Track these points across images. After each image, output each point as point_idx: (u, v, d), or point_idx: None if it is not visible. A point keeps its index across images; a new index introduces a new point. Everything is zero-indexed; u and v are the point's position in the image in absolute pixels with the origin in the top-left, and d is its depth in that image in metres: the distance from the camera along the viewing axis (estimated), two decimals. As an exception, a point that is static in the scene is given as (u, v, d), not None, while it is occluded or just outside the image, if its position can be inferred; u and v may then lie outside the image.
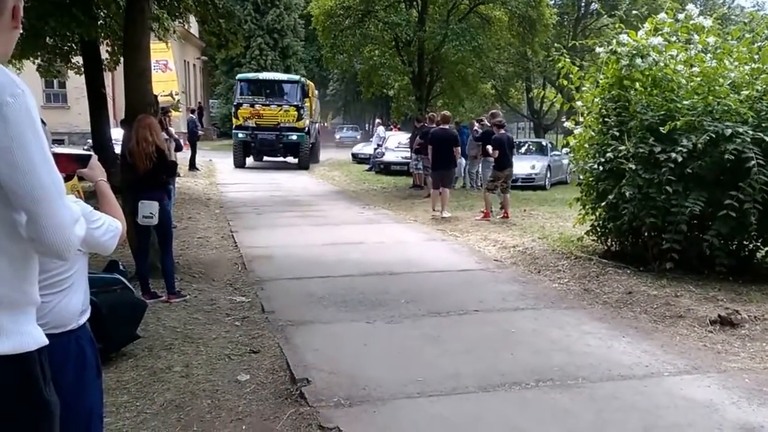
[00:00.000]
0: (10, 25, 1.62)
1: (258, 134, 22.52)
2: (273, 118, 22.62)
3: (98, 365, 2.29)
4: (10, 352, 1.57)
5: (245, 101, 22.95)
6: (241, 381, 4.42)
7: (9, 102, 1.48)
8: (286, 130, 22.55)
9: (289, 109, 22.77)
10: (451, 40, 17.43)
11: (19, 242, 1.59)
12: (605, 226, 8.16)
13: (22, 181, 1.50)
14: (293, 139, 22.76)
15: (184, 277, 7.13)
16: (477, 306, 6.30)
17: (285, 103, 23.01)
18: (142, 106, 6.92)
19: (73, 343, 2.15)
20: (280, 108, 22.79)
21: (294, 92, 23.49)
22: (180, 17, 12.88)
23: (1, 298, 1.57)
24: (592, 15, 29.28)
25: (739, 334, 5.50)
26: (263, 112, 22.67)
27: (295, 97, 23.29)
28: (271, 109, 22.78)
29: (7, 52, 1.66)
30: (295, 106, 22.88)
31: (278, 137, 22.57)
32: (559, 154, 21.15)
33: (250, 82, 24.04)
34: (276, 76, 25.70)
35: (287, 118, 22.62)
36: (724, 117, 7.00)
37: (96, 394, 2.28)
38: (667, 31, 7.74)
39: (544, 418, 3.92)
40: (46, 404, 1.64)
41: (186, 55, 35.51)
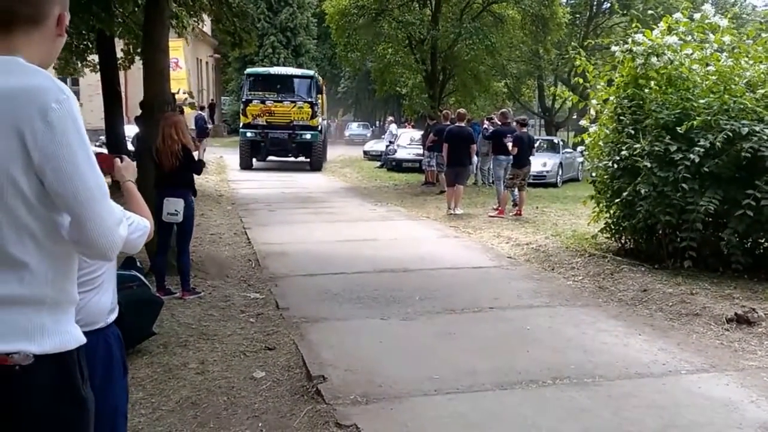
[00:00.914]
0: (54, 32, 1.64)
1: (269, 133, 20.96)
2: (285, 115, 21.10)
3: (125, 364, 2.31)
4: (52, 351, 1.58)
5: (255, 98, 21.39)
6: (256, 378, 4.42)
7: (54, 108, 1.50)
8: (300, 128, 21.05)
9: (303, 105, 21.21)
10: (465, 38, 17.45)
11: (62, 243, 1.60)
12: (620, 224, 8.13)
13: (67, 185, 1.52)
14: (307, 138, 21.26)
15: (197, 274, 7.14)
16: (492, 303, 6.29)
17: (298, 99, 21.46)
18: (160, 104, 6.95)
19: (102, 341, 2.17)
20: (293, 105, 21.21)
21: (307, 88, 22.00)
22: (196, 15, 12.92)
23: (44, 298, 1.58)
24: (605, 14, 29.15)
25: (756, 332, 5.45)
26: (275, 109, 21.10)
27: (308, 93, 21.78)
28: (283, 105, 21.18)
29: (50, 60, 1.67)
30: (309, 102, 21.38)
31: (291, 136, 21.05)
32: (570, 152, 21.10)
33: (260, 77, 22.46)
34: (288, 71, 24.18)
35: (301, 116, 21.12)
36: (740, 116, 6.96)
37: (122, 393, 2.30)
38: (682, 30, 7.70)
39: (562, 416, 3.91)
40: (84, 402, 1.66)
41: (199, 53, 35.69)
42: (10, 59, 1.54)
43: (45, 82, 1.53)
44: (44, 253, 1.58)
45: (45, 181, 1.52)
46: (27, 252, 1.55)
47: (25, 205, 1.53)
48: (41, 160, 1.50)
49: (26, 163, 1.51)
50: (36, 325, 1.57)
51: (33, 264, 1.56)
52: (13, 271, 1.55)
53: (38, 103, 1.49)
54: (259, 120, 20.98)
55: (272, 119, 21.05)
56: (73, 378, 1.63)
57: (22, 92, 1.50)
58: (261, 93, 21.50)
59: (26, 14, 1.57)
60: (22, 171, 1.51)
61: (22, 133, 1.49)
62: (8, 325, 1.54)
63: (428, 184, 17.08)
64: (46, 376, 1.58)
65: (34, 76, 1.54)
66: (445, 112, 16.13)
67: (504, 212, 11.87)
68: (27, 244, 1.55)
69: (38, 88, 1.51)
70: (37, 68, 1.56)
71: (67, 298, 1.66)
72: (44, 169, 1.51)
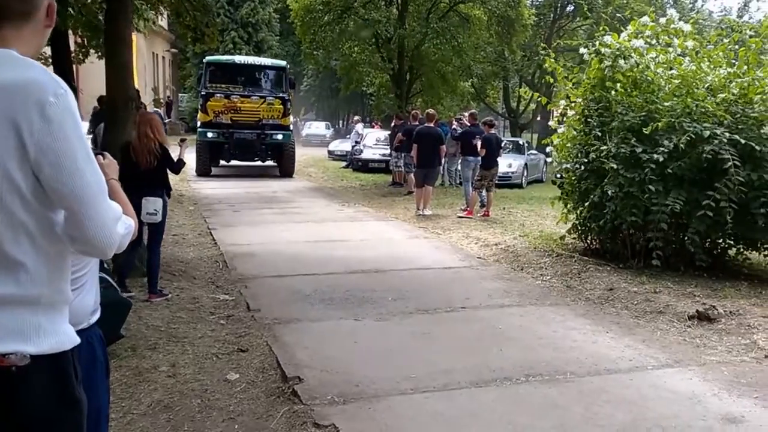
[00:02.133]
0: (44, 23, 1.63)
1: (234, 133, 18.10)
2: (253, 113, 18.28)
3: (107, 364, 2.29)
4: (49, 352, 1.57)
5: (217, 91, 18.33)
6: (230, 380, 4.39)
7: (52, 102, 1.48)
8: (270, 128, 18.34)
9: (274, 101, 18.40)
10: (432, 38, 17.55)
11: (56, 242, 1.59)
12: (587, 225, 8.28)
13: (66, 181, 1.50)
14: (278, 139, 18.57)
15: (164, 276, 7.02)
16: (463, 303, 6.36)
17: (268, 94, 18.67)
18: (123, 100, 6.83)
19: (84, 342, 2.13)
20: (262, 100, 18.36)
21: (278, 81, 19.13)
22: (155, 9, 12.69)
23: (39, 297, 1.57)
24: (568, 16, 29.60)
25: (716, 328, 5.65)
26: (241, 106, 18.17)
27: (279, 87, 18.97)
28: (251, 101, 18.31)
29: (39, 51, 1.67)
30: (281, 98, 18.59)
31: (260, 137, 18.31)
32: (535, 153, 21.41)
33: (222, 67, 19.19)
34: (256, 61, 20.79)
35: (271, 114, 18.36)
36: (701, 119, 7.15)
37: (104, 394, 2.28)
38: (648, 34, 7.87)
39: (536, 412, 3.98)
40: (79, 403, 1.65)
41: (155, 48, 35.07)
42: (5, 52, 1.52)
43: (42, 75, 1.52)
44: (40, 252, 1.56)
45: (41, 177, 1.50)
46: (23, 251, 1.54)
47: (20, 201, 1.51)
48: (38, 155, 1.48)
49: (22, 157, 1.49)
50: (32, 325, 1.55)
51: (29, 263, 1.54)
52: (10, 270, 1.53)
53: (35, 97, 1.48)
54: (222, 118, 18.12)
55: (238, 117, 18.22)
56: (69, 378, 1.62)
57: (18, 86, 1.48)
58: (224, 86, 18.59)
59: (19, 9, 1.56)
60: (17, 166, 1.49)
61: (19, 127, 1.47)
62: (4, 326, 1.53)
63: (396, 185, 17.11)
64: (42, 377, 1.57)
65: (31, 70, 1.52)
66: (414, 112, 16.18)
67: (472, 213, 11.98)
68: (23, 243, 1.53)
69: (35, 81, 1.50)
70: (32, 61, 1.55)
71: (62, 298, 1.65)
72: (41, 164, 1.49)
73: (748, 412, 4.00)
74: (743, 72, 7.44)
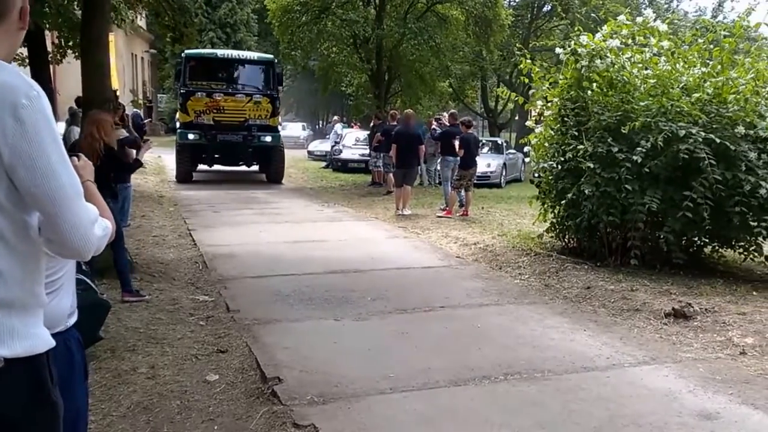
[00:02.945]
0: (17, 26, 1.61)
1: (218, 135, 16.53)
2: (239, 112, 16.71)
3: (85, 367, 2.27)
4: (23, 355, 1.56)
5: (198, 89, 16.70)
6: (210, 381, 4.38)
7: (25, 104, 1.47)
8: (258, 129, 16.77)
9: (261, 100, 16.85)
10: (410, 38, 17.59)
11: (31, 245, 1.58)
12: (564, 224, 8.34)
13: (40, 183, 1.49)
14: (267, 141, 16.98)
15: (143, 277, 7.00)
16: (442, 302, 6.38)
17: (255, 91, 17.03)
18: (100, 101, 6.78)
19: (62, 344, 2.12)
20: (248, 99, 16.81)
21: (266, 77, 17.40)
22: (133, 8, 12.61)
23: (13, 300, 1.56)
24: (545, 17, 29.80)
25: (692, 325, 5.71)
26: (225, 105, 16.60)
27: (267, 84, 17.29)
28: (236, 100, 16.73)
29: (12, 54, 1.65)
30: (269, 95, 17.00)
31: (246, 139, 16.75)
32: (513, 153, 21.55)
33: (203, 62, 17.42)
34: (241, 55, 18.73)
35: (258, 113, 16.79)
36: (676, 118, 7.24)
37: (83, 397, 2.26)
38: (624, 33, 7.96)
39: (514, 410, 4.01)
40: (54, 405, 1.65)
41: (134, 48, 34.80)
42: None
43: (14, 78, 1.51)
44: (14, 255, 1.55)
45: (16, 180, 1.49)
46: None
47: None
48: (11, 158, 1.47)
49: None
50: (5, 328, 1.54)
51: (3, 267, 1.53)
52: None
53: (8, 99, 1.47)
54: (204, 118, 16.53)
55: (221, 117, 16.64)
56: (44, 381, 1.61)
57: None
58: (205, 83, 16.96)
59: None
60: None
61: None
62: None
63: (375, 185, 17.14)
64: (16, 380, 1.56)
65: (2, 72, 1.51)
66: (392, 113, 16.21)
67: (452, 213, 12.03)
68: None
69: (7, 84, 1.49)
70: (4, 64, 1.54)
71: (36, 301, 1.64)
72: (15, 167, 1.48)
73: (723, 408, 4.05)
74: (717, 72, 7.55)
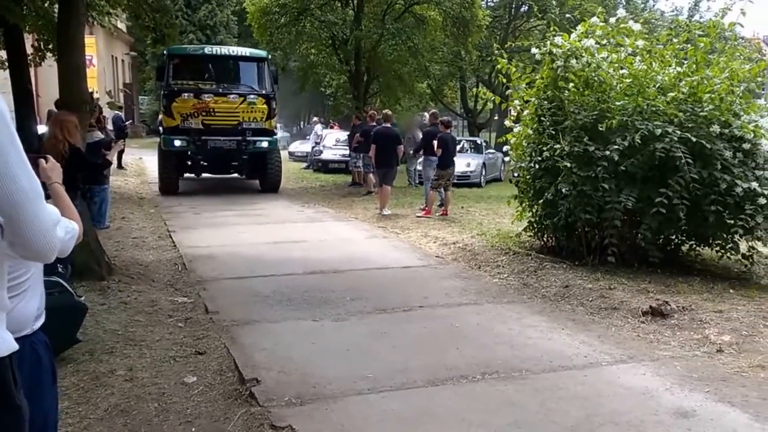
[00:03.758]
0: None
1: (208, 141, 14.70)
2: (231, 115, 14.87)
3: (54, 371, 2.24)
4: None
5: (185, 89, 14.87)
6: (188, 383, 4.35)
7: None
8: (253, 133, 15.02)
9: (256, 101, 15.03)
10: (388, 39, 17.61)
11: None
12: (542, 223, 8.39)
13: (0, 186, 1.48)
14: (263, 146, 15.20)
15: (122, 279, 6.96)
16: (421, 302, 6.40)
17: (249, 91, 15.19)
18: (77, 103, 6.72)
19: (28, 347, 2.10)
20: (242, 99, 14.96)
21: (260, 75, 15.59)
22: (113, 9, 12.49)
23: None
24: (522, 17, 29.96)
25: (669, 324, 5.76)
26: (216, 107, 14.75)
27: (262, 83, 15.48)
28: (228, 101, 14.87)
29: None
30: (265, 96, 15.20)
31: (241, 145, 14.94)
32: (493, 152, 21.64)
33: (189, 59, 15.79)
34: (232, 51, 16.72)
35: (253, 115, 15.00)
36: (652, 117, 7.31)
37: (51, 401, 2.23)
38: (599, 34, 8.02)
39: (493, 409, 4.03)
40: (18, 409, 1.63)
41: (114, 51, 34.47)
42: None
43: None
44: None
45: None
46: None
47: None
48: None
49: None
50: None
51: None
52: None
53: None
54: (192, 122, 14.64)
55: (212, 120, 14.80)
56: (7, 384, 1.60)
57: None
58: (192, 83, 15.25)
59: None
60: None
61: None
62: None
63: (355, 185, 17.14)
64: None
65: None
66: (371, 113, 16.23)
67: (431, 212, 12.06)
68: None
69: None
70: None
71: None
72: None
73: (699, 406, 4.09)
74: (692, 71, 7.63)
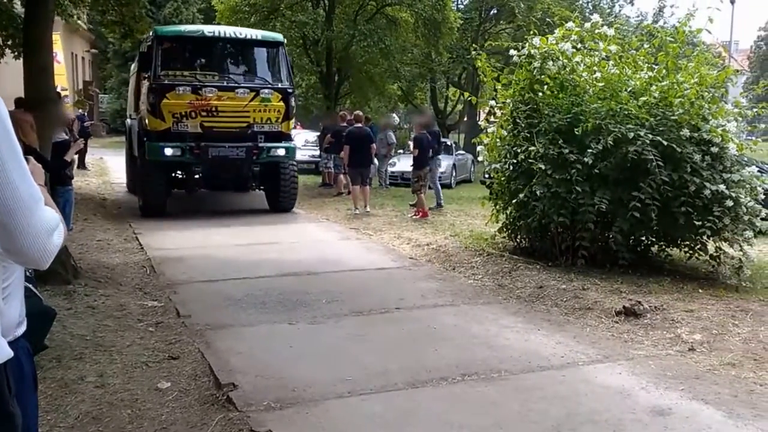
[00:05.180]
0: None
1: (209, 148, 11.24)
2: (240, 115, 11.48)
3: (35, 379, 2.16)
4: None
5: (179, 82, 11.24)
6: (161, 389, 4.25)
7: None
8: (267, 137, 11.69)
9: (271, 97, 11.65)
10: (359, 40, 17.62)
11: None
12: (516, 224, 8.44)
13: None
14: (279, 155, 11.91)
15: (88, 282, 6.78)
16: (398, 304, 6.37)
17: (261, 84, 11.80)
18: (43, 102, 6.57)
19: None
20: (254, 95, 11.54)
21: (274, 64, 12.22)
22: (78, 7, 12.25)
23: None
24: (492, 20, 30.22)
25: (642, 323, 5.82)
26: (220, 105, 11.30)
27: (278, 74, 12.09)
28: (236, 97, 11.45)
29: None
30: (282, 91, 11.83)
31: (251, 152, 11.55)
32: (463, 154, 21.76)
33: (183, 42, 12.11)
34: (240, 33, 12.39)
35: (267, 116, 11.65)
36: (625, 121, 7.39)
37: (33, 408, 2.15)
38: (574, 38, 8.10)
39: (473, 410, 4.02)
40: (12, 417, 1.58)
41: (74, 47, 33.71)
42: None
43: None
44: None
45: None
46: None
47: None
48: None
49: None
50: None
51: None
52: None
53: None
54: (189, 124, 11.15)
55: (215, 122, 11.34)
56: (2, 393, 1.53)
57: None
58: (188, 74, 11.57)
59: None
60: None
61: None
62: None
63: (326, 186, 17.06)
64: None
65: None
66: (341, 114, 16.19)
67: (427, 213, 12.01)
68: None
69: None
70: None
71: None
72: None
73: (674, 404, 4.14)
74: (663, 76, 7.74)
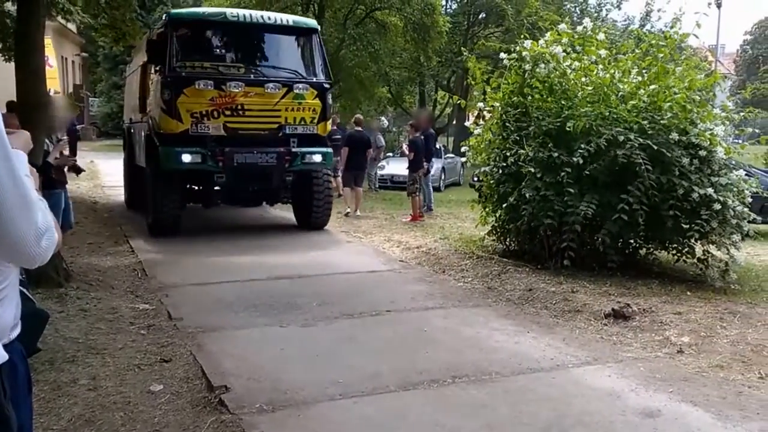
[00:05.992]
0: None
1: (235, 154, 9.60)
2: (271, 114, 9.85)
3: (29, 381, 2.17)
4: None
5: (198, 75, 9.59)
6: (154, 391, 4.26)
7: None
8: (300, 141, 10.07)
9: (306, 94, 10.03)
10: (349, 44, 17.65)
11: None
12: (505, 227, 8.50)
13: None
14: (314, 161, 10.21)
15: (80, 285, 6.78)
16: (388, 306, 6.40)
17: (296, 79, 10.13)
18: (35, 105, 6.56)
19: None
20: (286, 91, 9.89)
21: (308, 55, 10.51)
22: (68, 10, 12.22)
23: None
24: (480, 24, 30.37)
25: (631, 326, 5.87)
26: (246, 102, 9.64)
27: (314, 67, 10.42)
28: (265, 93, 9.75)
29: None
30: (318, 87, 10.20)
31: (283, 159, 9.91)
32: (452, 157, 21.82)
33: (203, 30, 10.39)
34: (269, 18, 10.66)
35: (302, 116, 10.02)
36: (614, 125, 7.47)
37: (27, 411, 2.16)
38: (565, 42, 8.17)
39: (464, 413, 4.05)
40: (8, 420, 1.58)
41: (64, 51, 33.57)
42: None
43: None
44: None
45: None
46: None
47: None
48: None
49: None
50: None
51: None
52: None
53: None
54: (210, 124, 9.50)
55: (241, 123, 9.70)
56: None
57: None
58: (208, 65, 9.92)
59: None
60: None
61: None
62: None
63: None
64: None
65: None
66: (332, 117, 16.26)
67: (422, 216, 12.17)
68: None
69: None
70: None
71: None
72: None
73: (663, 406, 4.18)
74: (652, 80, 7.83)
